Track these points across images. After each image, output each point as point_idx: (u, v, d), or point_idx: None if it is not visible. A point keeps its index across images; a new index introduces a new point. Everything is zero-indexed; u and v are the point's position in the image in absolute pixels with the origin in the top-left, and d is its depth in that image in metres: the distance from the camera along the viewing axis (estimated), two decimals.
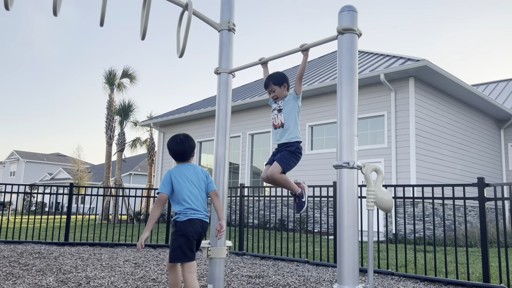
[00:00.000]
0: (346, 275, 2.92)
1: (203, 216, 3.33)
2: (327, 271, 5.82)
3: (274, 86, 3.66)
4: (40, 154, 53.79)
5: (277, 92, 3.66)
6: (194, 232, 3.25)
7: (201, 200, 3.36)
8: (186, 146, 3.50)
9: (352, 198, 2.97)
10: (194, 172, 3.44)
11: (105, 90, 21.16)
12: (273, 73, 3.79)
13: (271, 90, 3.68)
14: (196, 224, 3.27)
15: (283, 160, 3.50)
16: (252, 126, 15.81)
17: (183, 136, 3.58)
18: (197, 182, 3.40)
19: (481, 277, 5.33)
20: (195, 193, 3.35)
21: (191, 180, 3.37)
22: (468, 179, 13.57)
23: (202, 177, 3.44)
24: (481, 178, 5.08)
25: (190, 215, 3.27)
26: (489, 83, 20.27)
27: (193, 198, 3.33)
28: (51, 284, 4.41)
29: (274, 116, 3.65)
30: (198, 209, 3.31)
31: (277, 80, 3.69)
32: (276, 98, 3.66)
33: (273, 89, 3.66)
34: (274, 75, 3.74)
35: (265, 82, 3.72)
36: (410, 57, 12.43)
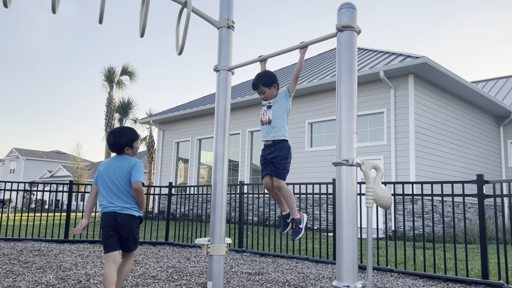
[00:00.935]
0: (345, 272, 2.93)
1: (119, 208, 3.35)
2: (327, 268, 5.84)
3: (264, 87, 3.55)
4: (40, 152, 53.79)
5: (267, 94, 3.55)
6: (106, 225, 3.34)
7: (116, 193, 3.38)
8: (117, 138, 3.51)
9: (351, 195, 2.97)
10: (117, 165, 3.44)
11: (104, 87, 21.18)
12: (261, 73, 3.60)
13: (260, 92, 3.55)
14: (107, 217, 3.35)
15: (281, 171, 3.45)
16: (251, 123, 15.81)
17: (119, 129, 3.63)
18: (118, 175, 3.40)
19: (480, 274, 5.35)
20: (110, 186, 3.39)
21: (111, 173, 3.41)
22: (468, 176, 13.59)
23: (125, 169, 3.42)
24: (480, 175, 5.09)
25: (103, 209, 3.40)
26: (488, 80, 20.26)
27: (108, 192, 3.39)
28: (51, 282, 4.42)
29: (263, 112, 3.57)
30: (112, 202, 3.37)
31: (266, 81, 3.55)
32: (265, 99, 3.55)
33: (262, 91, 3.54)
34: (263, 76, 3.57)
35: (254, 83, 3.54)
36: (410, 54, 12.42)
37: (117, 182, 3.40)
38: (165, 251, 7.30)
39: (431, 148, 12.25)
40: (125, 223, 3.36)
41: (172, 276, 4.93)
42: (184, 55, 55.09)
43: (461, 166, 13.62)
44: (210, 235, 4.16)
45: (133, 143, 3.57)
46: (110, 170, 3.43)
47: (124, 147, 3.52)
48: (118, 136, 3.52)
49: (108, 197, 3.39)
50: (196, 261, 6.25)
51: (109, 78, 20.87)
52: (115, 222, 3.35)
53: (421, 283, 4.90)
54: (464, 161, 13.84)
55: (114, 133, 3.57)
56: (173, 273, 5.16)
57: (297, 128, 14.30)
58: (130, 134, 3.57)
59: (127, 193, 3.41)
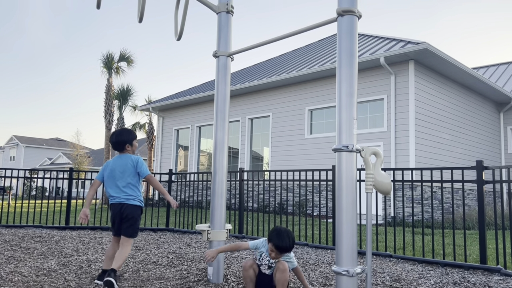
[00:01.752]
0: (345, 256, 2.95)
1: (123, 199, 3.92)
2: (326, 254, 5.88)
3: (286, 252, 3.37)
4: (40, 139, 53.78)
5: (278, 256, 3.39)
6: (114, 213, 3.94)
7: (121, 187, 3.94)
8: (119, 138, 4.07)
9: (351, 181, 2.98)
10: (122, 163, 4.00)
11: (103, 74, 21.07)
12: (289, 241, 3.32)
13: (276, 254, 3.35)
14: (115, 207, 3.93)
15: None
16: (251, 110, 15.77)
17: (120, 130, 4.20)
18: (123, 171, 3.96)
19: (478, 259, 5.39)
20: (117, 181, 3.95)
21: (117, 169, 3.97)
22: (467, 163, 13.61)
23: (130, 165, 3.97)
24: (480, 161, 5.09)
25: (111, 200, 3.98)
26: (489, 66, 20.16)
27: (114, 186, 3.95)
28: (53, 267, 4.45)
29: (264, 269, 3.41)
30: (118, 194, 3.93)
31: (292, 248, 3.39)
32: (273, 257, 3.37)
33: (283, 255, 3.38)
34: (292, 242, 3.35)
35: (289, 247, 3.32)
36: (411, 40, 12.33)
37: (123, 177, 3.94)
38: (165, 237, 7.35)
39: (431, 134, 12.24)
40: (129, 212, 3.90)
41: (173, 262, 4.97)
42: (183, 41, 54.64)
43: (460, 152, 13.64)
44: (211, 221, 4.18)
45: (132, 141, 4.10)
46: (116, 166, 3.98)
47: (125, 145, 4.06)
48: (119, 135, 4.09)
49: (115, 190, 3.94)
50: (197, 247, 6.30)
51: (108, 65, 20.75)
52: (120, 211, 3.89)
53: (420, 268, 4.94)
54: (464, 147, 13.85)
55: (116, 133, 4.14)
56: (173, 258, 5.21)
57: (296, 115, 14.28)
58: (129, 134, 4.14)
59: (132, 185, 3.96)
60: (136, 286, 3.76)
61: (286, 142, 14.40)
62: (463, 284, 4.16)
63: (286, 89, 14.72)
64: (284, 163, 14.20)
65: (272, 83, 14.63)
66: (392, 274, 4.53)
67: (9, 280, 3.83)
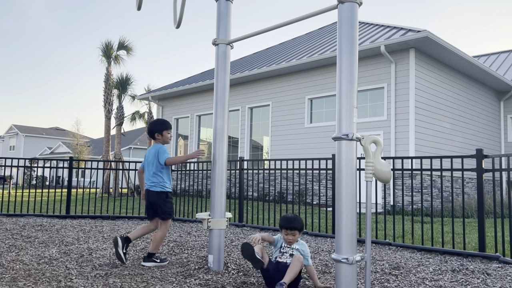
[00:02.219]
0: (344, 244, 2.96)
1: (148, 186, 4.31)
2: (326, 242, 5.91)
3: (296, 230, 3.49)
4: (39, 128, 53.71)
5: (296, 237, 3.49)
6: (146, 199, 4.36)
7: (148, 174, 4.32)
8: (150, 127, 4.48)
9: (351, 170, 2.98)
10: (150, 152, 4.36)
11: (102, 63, 20.95)
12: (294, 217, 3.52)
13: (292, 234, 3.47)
14: (146, 192, 4.34)
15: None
16: (251, 99, 15.73)
17: (154, 120, 4.64)
18: (150, 159, 4.32)
19: (477, 247, 5.43)
20: (146, 168, 4.36)
21: (147, 158, 4.38)
22: (467, 151, 13.62)
23: (154, 154, 4.29)
24: (480, 149, 5.09)
25: (146, 186, 4.37)
26: (490, 54, 20.06)
27: (146, 174, 4.37)
28: (54, 256, 4.48)
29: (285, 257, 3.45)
30: (147, 181, 4.34)
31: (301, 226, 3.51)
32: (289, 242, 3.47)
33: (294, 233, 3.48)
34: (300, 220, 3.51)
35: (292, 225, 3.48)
36: (411, 28, 12.25)
37: (151, 165, 4.30)
38: None
39: (431, 123, 12.23)
40: (152, 198, 4.27)
41: (173, 250, 5.00)
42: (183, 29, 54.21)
43: (460, 141, 13.64)
44: (211, 209, 4.20)
45: (162, 131, 4.38)
46: (147, 155, 4.38)
47: (154, 134, 4.41)
48: (151, 124, 4.50)
49: (147, 177, 4.34)
50: (197, 235, 6.33)
51: (107, 54, 20.62)
52: (148, 197, 4.29)
53: (419, 256, 4.98)
54: (464, 136, 13.85)
55: (150, 122, 4.58)
56: (174, 247, 5.23)
57: (296, 104, 14.24)
58: (160, 124, 4.46)
59: (156, 173, 4.27)
60: (137, 274, 3.79)
61: (286, 131, 14.39)
62: (461, 271, 4.18)
63: (286, 78, 14.67)
64: (284, 152, 14.21)
65: (272, 71, 14.57)
66: (391, 262, 4.57)
67: (10, 268, 3.86)
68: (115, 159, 19.15)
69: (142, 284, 3.44)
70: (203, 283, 3.51)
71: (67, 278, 3.55)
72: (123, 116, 20.99)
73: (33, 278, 3.54)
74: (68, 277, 3.59)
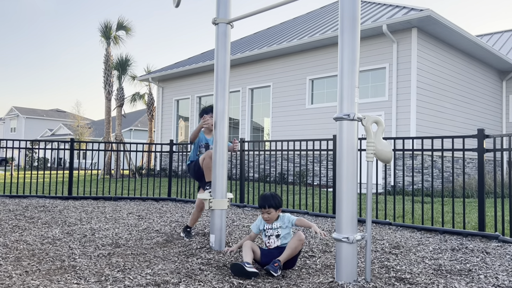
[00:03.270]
0: (345, 224, 2.98)
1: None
2: (326, 222, 5.96)
3: (271, 208, 3.46)
4: (40, 110, 53.64)
5: (272, 215, 3.46)
6: None
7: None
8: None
9: (352, 150, 2.98)
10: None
11: (102, 43, 20.76)
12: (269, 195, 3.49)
13: (267, 212, 3.45)
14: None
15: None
16: (252, 80, 15.63)
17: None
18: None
19: (476, 226, 5.47)
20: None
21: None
22: (469, 132, 13.60)
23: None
24: (481, 129, 5.08)
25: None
26: (493, 33, 19.82)
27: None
28: (57, 236, 4.52)
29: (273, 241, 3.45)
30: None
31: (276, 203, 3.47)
32: (267, 220, 3.46)
33: (269, 211, 3.46)
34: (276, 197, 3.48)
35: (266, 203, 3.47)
36: (414, 6, 12.07)
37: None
38: (168, 207, 7.43)
39: (432, 103, 12.18)
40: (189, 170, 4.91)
41: (175, 230, 5.05)
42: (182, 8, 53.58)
43: (462, 121, 13.60)
44: (212, 190, 4.21)
45: (202, 115, 4.70)
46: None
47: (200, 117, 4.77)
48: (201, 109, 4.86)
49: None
50: (200, 216, 6.37)
51: (106, 34, 20.41)
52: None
53: (419, 235, 5.02)
54: (465, 116, 13.80)
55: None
56: (176, 227, 5.28)
57: (297, 85, 14.16)
58: (202, 109, 4.78)
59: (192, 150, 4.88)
60: (140, 254, 3.83)
61: (287, 112, 14.35)
62: (461, 250, 4.22)
63: (287, 58, 14.55)
64: (285, 133, 14.20)
65: (272, 52, 14.43)
66: (392, 241, 4.61)
67: (14, 248, 3.90)
68: (116, 141, 19.17)
69: (145, 263, 3.49)
70: (205, 262, 3.55)
71: (70, 258, 3.59)
72: (124, 98, 20.91)
73: (37, 258, 3.58)
74: (71, 257, 3.63)
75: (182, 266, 3.42)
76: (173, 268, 3.35)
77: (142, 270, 3.28)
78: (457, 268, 3.52)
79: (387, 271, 3.35)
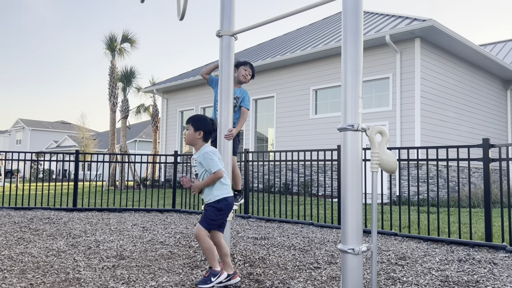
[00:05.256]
0: (350, 235, 2.96)
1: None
2: (331, 233, 5.92)
3: (189, 124, 3.36)
4: (45, 122, 53.98)
5: (190, 132, 3.33)
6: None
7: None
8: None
9: (356, 160, 2.97)
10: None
11: (107, 56, 20.95)
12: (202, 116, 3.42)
13: (186, 128, 3.40)
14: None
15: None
16: (256, 91, 15.69)
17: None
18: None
19: (483, 237, 5.41)
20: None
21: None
22: (473, 141, 13.54)
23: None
24: (486, 139, 5.06)
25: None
26: (496, 42, 19.83)
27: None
28: (62, 248, 4.52)
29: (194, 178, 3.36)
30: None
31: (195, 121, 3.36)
32: (184, 139, 3.42)
33: (188, 127, 3.36)
34: (200, 117, 3.39)
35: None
36: (416, 17, 12.13)
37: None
38: (172, 218, 7.42)
39: (436, 113, 12.16)
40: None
41: (180, 242, 5.03)
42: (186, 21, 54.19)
43: (466, 131, 13.55)
44: None
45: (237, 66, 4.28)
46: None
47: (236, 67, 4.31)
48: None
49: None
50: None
51: (111, 47, 20.60)
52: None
53: (425, 246, 4.97)
54: (470, 125, 13.76)
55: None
56: (180, 238, 5.26)
57: (301, 95, 14.19)
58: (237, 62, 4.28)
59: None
60: (144, 265, 3.81)
61: (291, 123, 14.36)
62: (468, 261, 4.18)
63: (291, 69, 14.60)
64: (289, 143, 14.19)
65: (276, 63, 14.50)
66: (398, 252, 4.57)
67: (19, 260, 3.90)
68: (121, 152, 19.23)
69: (150, 275, 3.47)
70: None
71: (75, 270, 3.59)
72: (128, 109, 21.03)
73: (42, 270, 3.58)
74: (76, 269, 3.62)
75: (187, 278, 3.40)
76: (178, 280, 3.33)
77: (146, 282, 3.26)
78: (464, 279, 3.48)
79: (393, 283, 3.32)
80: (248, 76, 4.32)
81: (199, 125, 3.31)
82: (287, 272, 3.68)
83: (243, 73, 4.31)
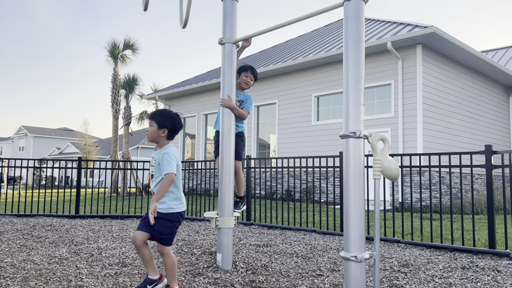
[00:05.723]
0: (353, 242, 2.96)
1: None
2: (334, 240, 5.90)
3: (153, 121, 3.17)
4: (48, 129, 54.15)
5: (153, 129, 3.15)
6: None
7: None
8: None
9: (359, 167, 2.97)
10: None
11: (109, 63, 21.06)
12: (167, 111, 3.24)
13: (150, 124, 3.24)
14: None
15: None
16: (258, 97, 15.72)
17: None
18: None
19: (487, 244, 5.39)
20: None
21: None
22: (476, 147, 13.51)
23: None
24: (489, 145, 5.05)
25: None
26: (498, 49, 19.85)
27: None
28: (64, 255, 4.52)
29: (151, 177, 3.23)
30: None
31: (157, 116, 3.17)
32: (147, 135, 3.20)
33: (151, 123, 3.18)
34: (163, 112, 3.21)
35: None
36: (418, 23, 12.16)
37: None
38: None
39: (439, 119, 12.15)
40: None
41: (182, 249, 5.03)
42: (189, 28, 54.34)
43: (469, 137, 13.53)
44: (219, 208, 4.21)
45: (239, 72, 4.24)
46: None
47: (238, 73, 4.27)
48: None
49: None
50: (205, 234, 6.35)
51: (113, 54, 20.72)
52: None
53: (428, 253, 4.95)
54: (472, 132, 13.74)
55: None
56: (183, 245, 5.26)
57: (303, 102, 14.22)
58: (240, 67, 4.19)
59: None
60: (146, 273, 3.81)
61: (293, 129, 14.37)
62: (471, 268, 4.16)
63: (293, 76, 14.64)
64: (291, 150, 14.19)
65: (278, 69, 14.55)
66: (400, 259, 4.55)
67: (22, 268, 3.90)
68: (123, 159, 19.25)
69: None
70: (212, 281, 3.52)
71: (77, 278, 3.58)
72: (131, 116, 21.09)
73: (44, 277, 3.58)
74: (78, 277, 3.62)
75: (189, 285, 3.40)
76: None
77: None
78: (468, 287, 3.46)
79: None
80: (250, 81, 4.35)
81: (163, 122, 3.11)
82: (289, 279, 3.67)
83: (244, 80, 4.34)
